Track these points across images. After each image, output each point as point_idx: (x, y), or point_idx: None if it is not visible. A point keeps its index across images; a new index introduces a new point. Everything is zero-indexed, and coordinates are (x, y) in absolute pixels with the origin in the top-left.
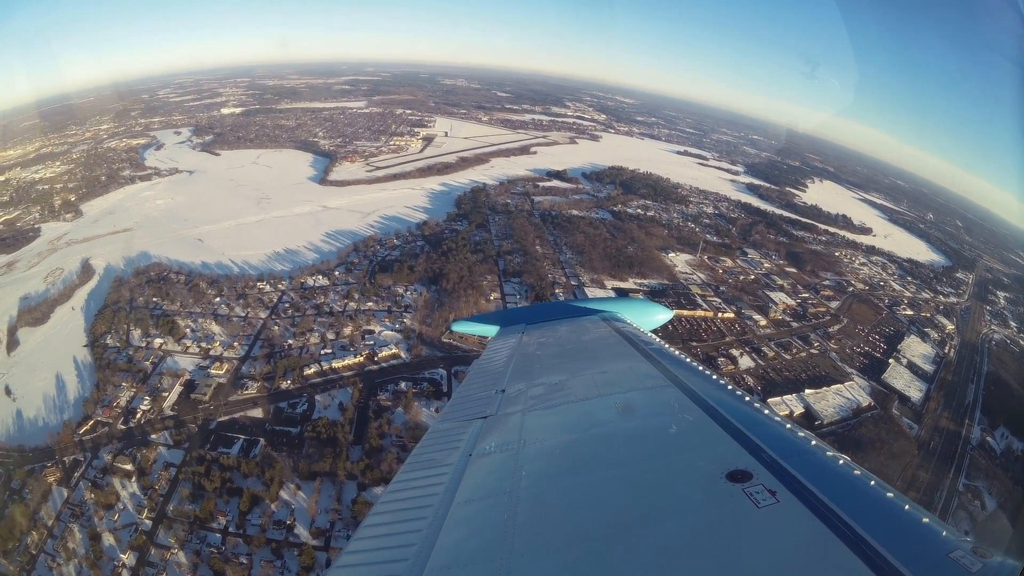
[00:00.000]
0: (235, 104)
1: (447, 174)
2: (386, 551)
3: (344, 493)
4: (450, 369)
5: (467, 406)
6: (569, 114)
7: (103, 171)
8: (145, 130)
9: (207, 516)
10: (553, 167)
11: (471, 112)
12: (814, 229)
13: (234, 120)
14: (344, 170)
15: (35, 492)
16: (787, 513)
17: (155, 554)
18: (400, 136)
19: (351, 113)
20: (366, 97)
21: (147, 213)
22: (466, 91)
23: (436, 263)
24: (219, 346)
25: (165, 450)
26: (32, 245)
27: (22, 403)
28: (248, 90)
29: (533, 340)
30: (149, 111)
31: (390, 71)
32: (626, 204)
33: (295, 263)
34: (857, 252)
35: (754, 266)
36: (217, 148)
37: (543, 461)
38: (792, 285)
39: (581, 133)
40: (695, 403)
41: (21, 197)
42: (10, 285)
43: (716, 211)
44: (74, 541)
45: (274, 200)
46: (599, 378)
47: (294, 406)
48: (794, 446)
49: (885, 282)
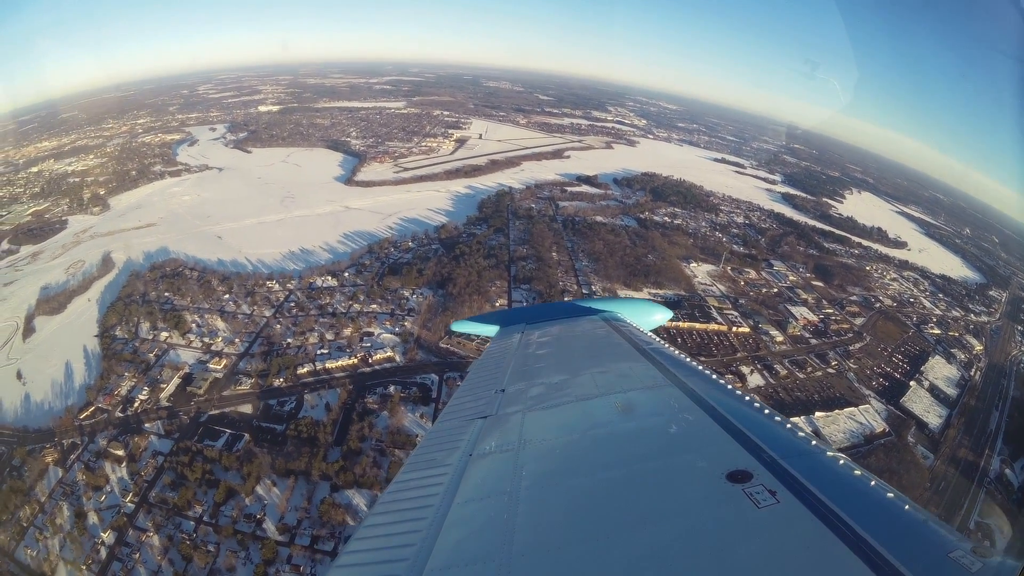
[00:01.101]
0: (273, 102)
1: (475, 177)
2: (386, 551)
3: (316, 493)
4: (442, 375)
5: (467, 406)
6: (609, 119)
7: (134, 165)
8: (181, 126)
9: (184, 504)
10: (584, 172)
11: (509, 115)
12: (847, 242)
13: (270, 118)
14: (372, 170)
15: (32, 470)
16: (787, 513)
17: (132, 535)
18: (433, 138)
19: (388, 113)
20: (406, 98)
21: (172, 209)
22: (508, 94)
23: (446, 267)
24: (221, 342)
25: (156, 439)
26: (58, 237)
27: (31, 387)
28: (288, 88)
29: (533, 340)
30: (187, 107)
31: (435, 72)
32: (654, 211)
33: (308, 263)
34: (889, 267)
35: (779, 279)
36: (249, 145)
37: (543, 461)
38: (817, 300)
39: (618, 138)
40: (695, 403)
41: (52, 189)
42: (33, 275)
43: (747, 221)
44: (62, 518)
45: (298, 199)
46: (599, 378)
47: (283, 404)
48: (794, 446)
49: (915, 299)
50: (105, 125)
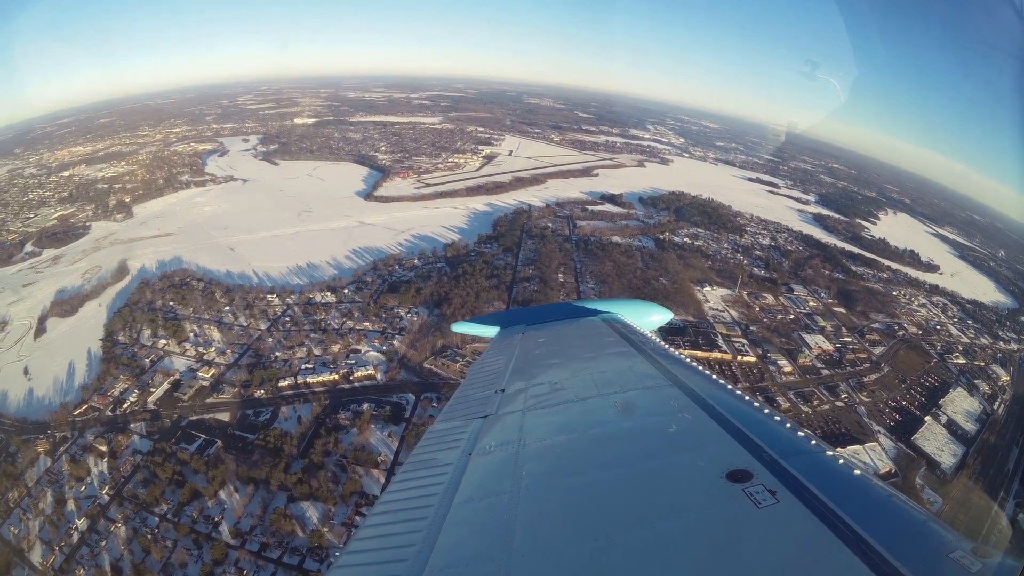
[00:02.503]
0: (309, 114)
1: (496, 194)
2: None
3: (273, 502)
4: (419, 395)
5: (467, 406)
6: (646, 137)
7: (162, 174)
8: (215, 136)
9: (152, 501)
10: (611, 190)
11: (545, 132)
12: (876, 265)
13: (303, 130)
14: (393, 186)
15: (25, 458)
16: (787, 513)
17: (103, 525)
18: (461, 154)
19: (422, 128)
20: (443, 113)
21: (192, 219)
22: (548, 110)
23: (445, 286)
24: (213, 351)
25: (138, 439)
26: (80, 242)
27: (35, 383)
28: (327, 101)
29: (533, 340)
30: (224, 117)
31: (478, 88)
32: (674, 232)
33: (312, 278)
34: (918, 291)
35: (798, 304)
36: (278, 158)
37: (543, 461)
38: (835, 327)
39: (652, 156)
40: (695, 403)
41: (80, 194)
42: (51, 278)
43: (772, 242)
44: (45, 503)
45: (315, 213)
46: (599, 378)
47: (259, 414)
48: (794, 446)
49: (943, 326)
50: (140, 132)
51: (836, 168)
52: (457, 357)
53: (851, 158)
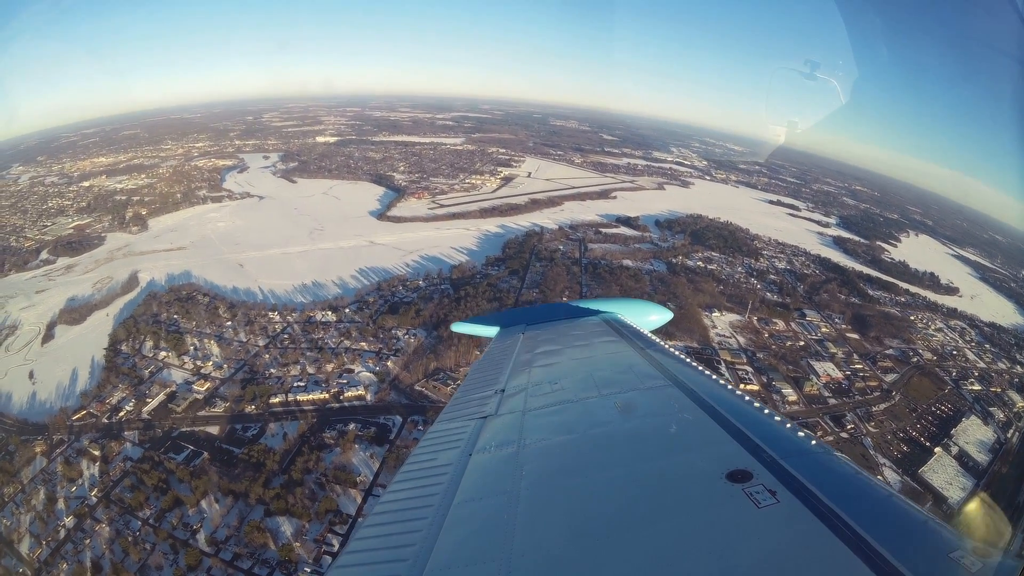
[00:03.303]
0: (332, 133)
1: (510, 216)
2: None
3: (251, 515)
4: (406, 417)
5: (467, 406)
6: (669, 159)
7: (181, 189)
8: (236, 152)
9: (137, 505)
10: (627, 213)
11: (567, 154)
12: (894, 288)
13: (324, 149)
14: (407, 206)
15: (22, 457)
16: (787, 513)
17: (89, 524)
18: (479, 175)
19: (443, 149)
20: (466, 134)
21: (205, 234)
22: (572, 133)
23: (445, 308)
24: (211, 366)
25: (130, 446)
26: (94, 252)
27: (39, 387)
28: (352, 120)
29: (533, 340)
30: (247, 133)
31: (505, 110)
32: (688, 256)
33: (316, 296)
34: (936, 315)
35: (809, 330)
36: (296, 176)
37: (543, 461)
38: (847, 354)
39: (673, 179)
40: (695, 403)
41: (98, 205)
42: (63, 286)
43: (788, 266)
44: (37, 500)
45: (326, 232)
46: (599, 378)
47: (247, 429)
48: (794, 446)
49: (959, 351)
50: (163, 146)
51: (859, 190)
52: (448, 380)
53: (875, 180)
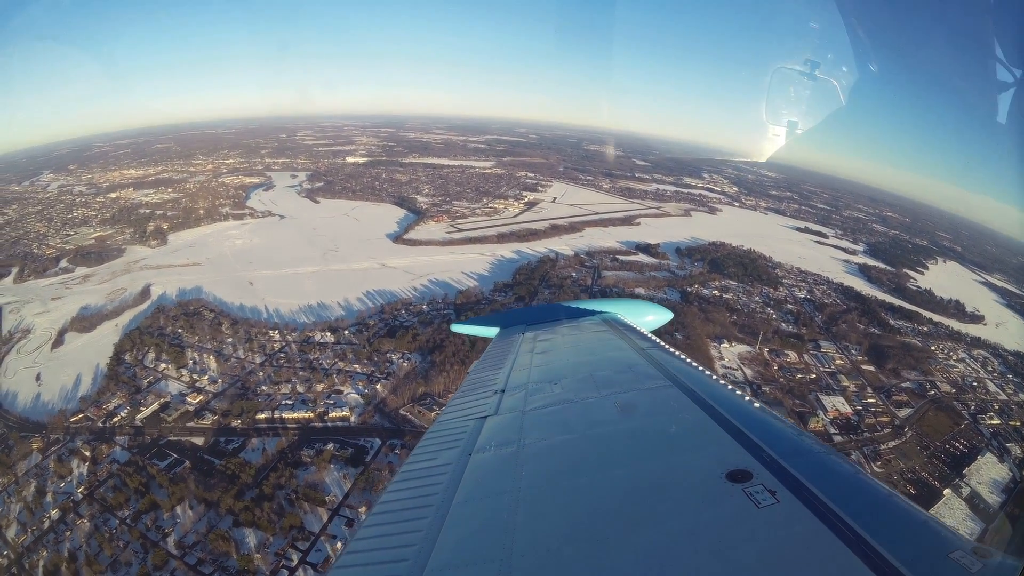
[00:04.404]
0: (363, 154)
1: (527, 241)
2: (386, 551)
3: (220, 523)
4: (386, 440)
5: (467, 406)
6: (700, 185)
7: (204, 205)
8: (265, 169)
9: (117, 505)
10: (648, 240)
11: (596, 179)
12: (917, 318)
13: (352, 169)
14: (425, 229)
15: (19, 451)
16: (787, 513)
17: (71, 518)
18: (503, 199)
19: (471, 172)
20: (496, 157)
21: (221, 251)
22: (605, 158)
23: (442, 333)
24: (206, 379)
25: (119, 449)
26: (112, 263)
27: (44, 388)
28: (384, 141)
29: (533, 340)
30: (279, 151)
31: (540, 133)
32: (704, 284)
33: (319, 317)
34: (959, 345)
35: (823, 362)
36: (320, 196)
37: (543, 461)
38: (860, 387)
39: (701, 205)
40: (695, 403)
41: (122, 217)
42: (78, 295)
43: (808, 295)
44: (28, 492)
45: (340, 253)
46: (599, 378)
47: (229, 442)
48: (794, 446)
49: (980, 382)
50: (194, 160)
51: (890, 216)
52: (434, 405)
53: (907, 206)
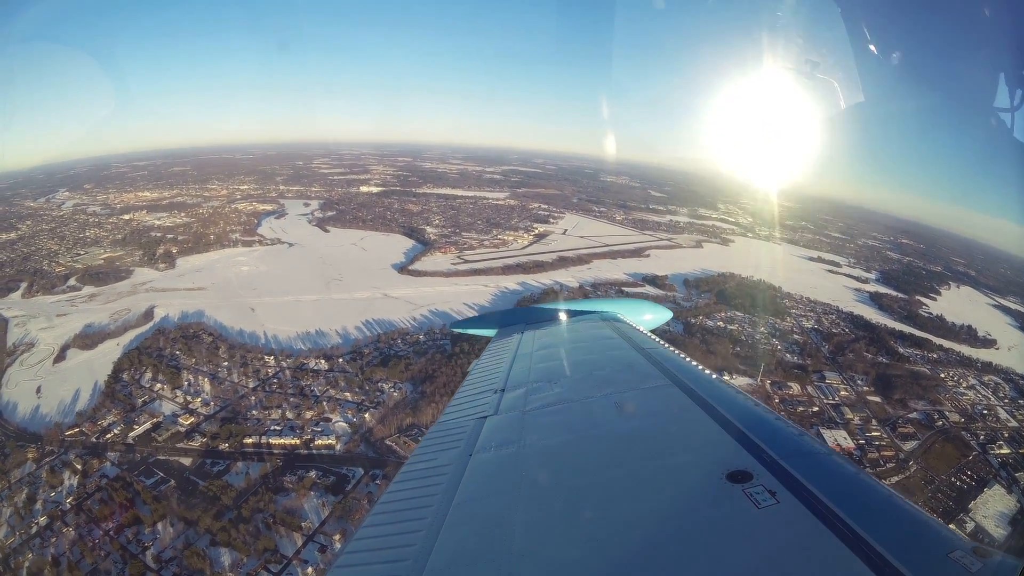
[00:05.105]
0: (377, 183)
1: (533, 273)
2: (386, 551)
3: (197, 542)
4: (368, 470)
5: (467, 406)
6: (714, 216)
7: (215, 230)
8: (279, 196)
9: (102, 517)
10: (657, 272)
11: (609, 210)
12: (927, 345)
13: (365, 199)
14: (431, 260)
15: (15, 459)
16: (787, 513)
17: (57, 526)
18: (513, 231)
19: (483, 203)
20: (511, 188)
21: (227, 277)
22: (620, 189)
23: (435, 364)
24: (199, 402)
25: (109, 465)
26: (119, 284)
27: (43, 401)
28: (400, 170)
29: (533, 340)
30: (294, 178)
31: (558, 164)
32: (708, 316)
33: (316, 344)
34: (969, 371)
35: (827, 394)
36: (330, 225)
37: (543, 461)
38: (864, 420)
39: (713, 237)
40: (695, 403)
41: (133, 239)
42: (84, 312)
43: (816, 325)
44: (19, 498)
45: (344, 282)
46: (599, 378)
47: (215, 464)
48: (794, 446)
49: (990, 410)
50: (209, 185)
51: (905, 243)
52: (420, 436)
53: (923, 232)
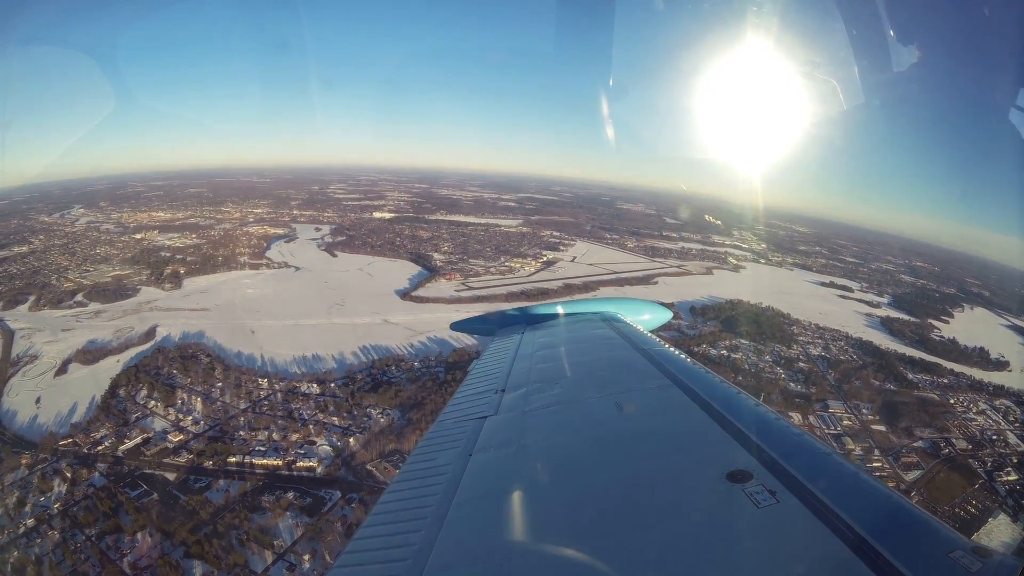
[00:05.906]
0: (390, 209)
1: (537, 300)
2: (386, 551)
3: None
4: (345, 494)
5: (467, 406)
6: (727, 243)
7: (224, 253)
8: (292, 220)
9: (85, 523)
10: (663, 299)
11: (621, 238)
12: (936, 370)
13: (376, 225)
14: (436, 286)
15: (8, 464)
16: (787, 513)
17: (43, 528)
18: (522, 258)
19: (495, 231)
20: (525, 216)
21: (231, 299)
22: (635, 216)
23: (426, 391)
24: (190, 420)
25: (97, 475)
26: (125, 302)
27: (42, 412)
28: (415, 197)
29: (532, 340)
30: (308, 203)
31: (576, 191)
32: (713, 344)
33: (311, 368)
34: (980, 395)
35: (829, 423)
36: (339, 250)
37: (543, 461)
38: (867, 450)
39: (724, 263)
40: (695, 403)
41: (142, 258)
42: (88, 328)
43: (823, 352)
44: (10, 500)
45: (346, 307)
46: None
47: (197, 481)
48: (794, 446)
49: (1000, 435)
50: (223, 207)
51: (919, 266)
52: (401, 462)
53: (937, 254)
